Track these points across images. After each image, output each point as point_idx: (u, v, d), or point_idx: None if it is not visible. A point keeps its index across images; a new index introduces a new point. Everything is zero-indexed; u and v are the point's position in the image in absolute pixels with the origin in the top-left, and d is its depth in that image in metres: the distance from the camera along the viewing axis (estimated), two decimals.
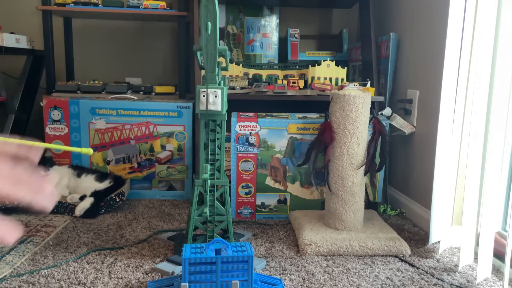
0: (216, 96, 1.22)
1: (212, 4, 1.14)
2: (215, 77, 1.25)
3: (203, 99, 1.22)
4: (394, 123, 1.84)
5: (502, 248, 1.31)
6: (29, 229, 1.59)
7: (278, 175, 1.80)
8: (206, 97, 1.22)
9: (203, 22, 1.16)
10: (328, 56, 2.29)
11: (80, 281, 1.22)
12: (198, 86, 1.21)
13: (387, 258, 1.43)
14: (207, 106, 1.24)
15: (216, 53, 1.21)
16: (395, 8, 2.08)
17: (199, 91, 1.22)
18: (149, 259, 1.37)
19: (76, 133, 1.97)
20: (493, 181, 1.24)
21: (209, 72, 1.23)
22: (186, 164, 2.02)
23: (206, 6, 1.15)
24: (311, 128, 1.76)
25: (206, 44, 1.19)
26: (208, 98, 1.22)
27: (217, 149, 1.33)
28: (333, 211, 1.58)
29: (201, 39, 1.19)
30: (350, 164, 1.54)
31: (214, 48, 1.20)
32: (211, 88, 1.22)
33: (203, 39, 1.19)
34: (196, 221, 1.35)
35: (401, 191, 1.98)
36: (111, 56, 2.53)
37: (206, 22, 1.15)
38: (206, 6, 1.15)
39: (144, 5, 2.10)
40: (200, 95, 1.21)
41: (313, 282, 1.25)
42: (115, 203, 1.81)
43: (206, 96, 1.22)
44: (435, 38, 1.69)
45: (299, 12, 2.53)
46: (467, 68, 1.39)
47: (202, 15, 1.15)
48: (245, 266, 1.06)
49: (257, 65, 2.14)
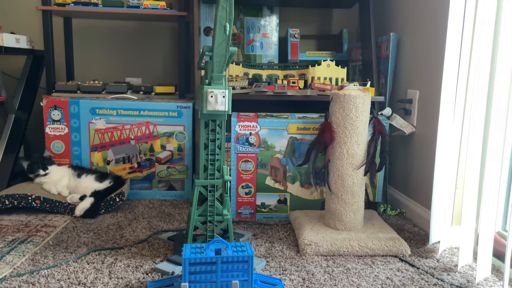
0: (224, 97, 1.23)
1: (230, 5, 1.15)
2: (223, 77, 1.25)
3: (211, 100, 1.22)
4: (394, 123, 1.84)
5: (502, 248, 1.31)
6: (29, 229, 1.59)
7: (278, 175, 1.80)
8: (214, 98, 1.22)
9: (219, 24, 1.16)
10: (328, 56, 2.29)
11: (80, 281, 1.22)
12: (206, 87, 1.21)
13: (387, 258, 1.43)
14: (214, 106, 1.24)
15: (227, 54, 1.21)
16: (395, 8, 2.08)
17: (206, 92, 1.22)
18: (149, 259, 1.37)
19: (76, 133, 1.97)
20: (493, 181, 1.24)
21: (217, 73, 1.23)
22: (186, 164, 2.02)
23: (224, 7, 1.15)
24: (311, 128, 1.77)
25: (219, 45, 1.19)
26: (217, 99, 1.22)
27: (217, 149, 1.33)
28: (333, 211, 1.58)
29: (215, 39, 1.19)
30: (350, 164, 1.54)
31: (226, 49, 1.21)
32: (219, 89, 1.22)
33: (217, 40, 1.18)
34: (196, 221, 1.35)
35: (401, 191, 1.98)
36: (111, 56, 2.53)
37: (225, 23, 1.16)
38: (224, 7, 1.15)
39: (144, 5, 2.10)
40: (208, 95, 1.22)
41: (313, 282, 1.25)
42: (115, 203, 1.81)
43: (214, 97, 1.22)
44: (435, 38, 1.69)
45: (299, 12, 2.53)
46: (467, 68, 1.39)
47: (220, 16, 1.15)
48: (245, 266, 1.07)
49: (257, 65, 2.14)
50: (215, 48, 1.20)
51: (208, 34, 2.29)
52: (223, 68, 1.24)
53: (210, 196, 1.34)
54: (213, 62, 1.22)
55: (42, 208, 1.76)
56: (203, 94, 1.23)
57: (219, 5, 1.14)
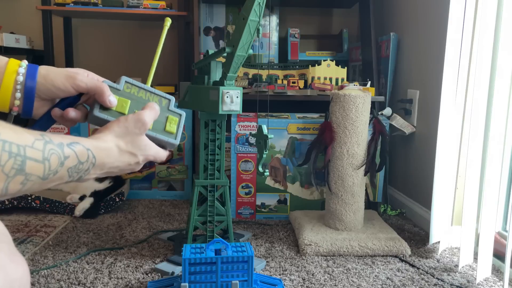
0: (238, 97, 1.23)
1: (261, 8, 1.16)
2: (235, 78, 1.26)
3: (227, 100, 1.22)
4: (394, 123, 1.84)
5: (502, 248, 1.31)
6: (29, 229, 1.59)
7: (278, 175, 1.80)
8: (229, 98, 1.22)
9: (247, 26, 1.16)
10: (328, 56, 2.28)
11: (80, 281, 1.22)
12: (222, 87, 1.21)
13: (387, 258, 1.43)
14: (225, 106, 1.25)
15: (246, 56, 1.22)
16: (395, 8, 2.08)
17: (222, 92, 1.22)
18: (149, 259, 1.37)
19: (76, 132, 1.97)
20: (493, 181, 1.24)
21: (232, 73, 1.24)
22: (186, 164, 2.02)
23: (256, 12, 1.16)
24: (311, 128, 1.76)
25: (242, 46, 1.20)
26: (232, 99, 1.23)
27: (217, 149, 1.33)
28: (333, 211, 1.58)
29: (239, 41, 1.19)
30: (350, 164, 1.53)
31: (247, 51, 1.21)
32: (234, 89, 1.23)
33: (242, 41, 1.19)
34: (196, 221, 1.35)
35: (401, 191, 1.98)
36: (111, 56, 2.53)
37: (257, 27, 1.18)
38: (256, 12, 1.16)
39: (144, 5, 2.10)
40: (224, 96, 1.22)
41: (313, 282, 1.25)
42: (115, 203, 1.81)
43: (229, 97, 1.22)
44: (435, 38, 1.69)
45: (299, 12, 2.52)
46: (467, 68, 1.39)
47: (251, 20, 1.16)
48: (245, 266, 1.06)
49: (257, 65, 2.14)
50: (238, 49, 1.20)
51: (208, 34, 2.29)
52: (237, 70, 1.25)
53: (210, 196, 1.34)
54: (232, 63, 1.22)
55: (41, 208, 1.76)
56: (218, 94, 1.22)
57: (249, 8, 1.15)
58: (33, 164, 0.50)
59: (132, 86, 0.70)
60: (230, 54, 1.21)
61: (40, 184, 0.52)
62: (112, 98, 0.67)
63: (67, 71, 0.66)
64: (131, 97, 0.70)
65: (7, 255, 0.54)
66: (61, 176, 0.55)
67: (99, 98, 0.66)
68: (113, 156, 0.62)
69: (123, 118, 0.65)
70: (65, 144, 0.55)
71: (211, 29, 2.29)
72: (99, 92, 0.66)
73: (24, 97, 0.64)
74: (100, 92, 0.66)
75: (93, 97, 0.67)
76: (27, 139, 0.50)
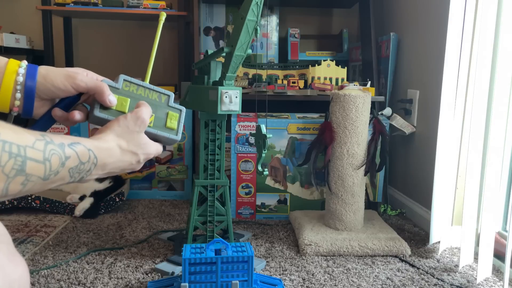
0: (237, 97, 1.23)
1: (259, 8, 1.16)
2: (234, 78, 1.26)
3: (226, 100, 1.22)
4: (394, 123, 1.84)
5: (502, 248, 1.31)
6: (28, 229, 1.59)
7: (278, 175, 1.80)
8: (228, 98, 1.22)
9: (246, 26, 1.16)
10: (328, 56, 2.28)
11: (80, 281, 1.21)
12: (220, 87, 1.21)
13: (387, 258, 1.43)
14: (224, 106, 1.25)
15: (244, 56, 1.22)
16: (395, 8, 2.08)
17: (221, 92, 1.22)
18: (149, 259, 1.37)
19: (76, 133, 1.96)
20: (493, 181, 1.23)
21: (231, 73, 1.24)
22: (186, 164, 2.02)
23: (253, 11, 1.16)
24: (311, 128, 1.76)
25: (241, 46, 1.19)
26: (231, 99, 1.23)
27: (217, 149, 1.33)
28: (333, 211, 1.58)
29: (237, 41, 1.19)
30: (350, 164, 1.53)
31: (246, 51, 1.21)
32: (233, 89, 1.23)
33: (240, 41, 1.19)
34: (196, 221, 1.34)
35: (401, 191, 1.98)
36: (111, 56, 2.53)
37: (255, 27, 1.18)
38: (253, 11, 1.16)
39: (144, 5, 2.10)
40: (222, 96, 1.22)
41: (313, 282, 1.25)
42: (115, 203, 1.81)
43: (228, 97, 1.22)
44: (435, 38, 1.69)
45: (299, 12, 2.52)
46: (467, 68, 1.39)
47: (249, 19, 1.16)
48: (245, 266, 1.06)
49: (257, 65, 2.14)
50: (236, 49, 1.20)
51: (208, 34, 2.29)
52: (236, 69, 1.25)
53: (210, 196, 1.34)
54: (231, 63, 1.22)
55: (41, 208, 1.76)
56: (217, 94, 1.22)
57: (247, 7, 1.15)
58: (34, 165, 0.50)
59: (131, 84, 0.70)
60: (229, 54, 1.21)
61: (41, 185, 0.52)
62: (112, 97, 0.67)
63: (66, 70, 0.66)
64: (130, 95, 0.70)
65: (6, 255, 0.54)
66: (63, 176, 0.55)
67: (99, 98, 0.66)
68: (115, 156, 0.63)
69: (123, 117, 0.65)
70: (66, 144, 0.55)
71: (211, 29, 2.29)
72: (99, 91, 0.66)
73: (24, 97, 0.64)
74: (100, 91, 0.66)
75: (93, 96, 0.67)
76: (28, 139, 0.50)
